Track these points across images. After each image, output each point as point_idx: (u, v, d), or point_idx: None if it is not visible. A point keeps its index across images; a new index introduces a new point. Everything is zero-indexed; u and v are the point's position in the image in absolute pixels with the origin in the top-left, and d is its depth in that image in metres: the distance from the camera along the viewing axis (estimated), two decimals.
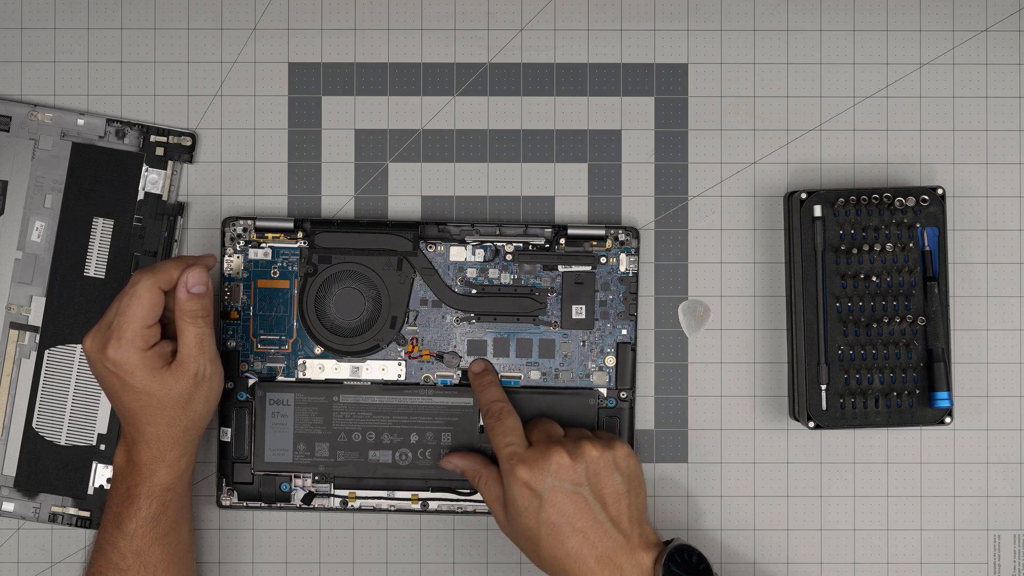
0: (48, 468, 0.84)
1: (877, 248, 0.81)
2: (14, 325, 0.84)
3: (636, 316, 0.84)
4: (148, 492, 0.77)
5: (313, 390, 0.84)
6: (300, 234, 0.84)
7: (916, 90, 0.86)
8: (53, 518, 0.84)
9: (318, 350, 0.84)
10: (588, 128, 0.86)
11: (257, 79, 0.86)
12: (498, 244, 0.84)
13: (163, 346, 0.76)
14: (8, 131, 0.84)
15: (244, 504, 0.84)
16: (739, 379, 0.85)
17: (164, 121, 0.85)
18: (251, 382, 0.84)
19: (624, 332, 0.84)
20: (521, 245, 0.84)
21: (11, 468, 0.84)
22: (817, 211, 0.82)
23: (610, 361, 0.84)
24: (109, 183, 0.84)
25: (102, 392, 0.83)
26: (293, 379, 0.84)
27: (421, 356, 0.84)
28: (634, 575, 0.74)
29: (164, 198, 0.85)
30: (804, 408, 0.82)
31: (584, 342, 0.84)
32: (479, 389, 0.82)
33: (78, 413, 0.84)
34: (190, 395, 0.76)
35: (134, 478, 0.77)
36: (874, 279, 0.81)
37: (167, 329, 0.77)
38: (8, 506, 0.84)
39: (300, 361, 0.84)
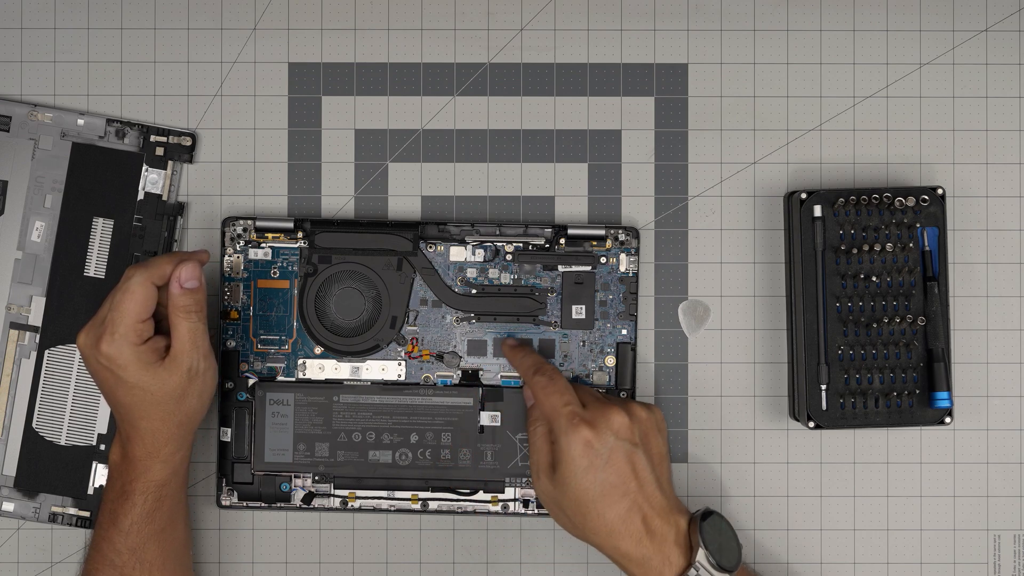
0: (48, 468, 0.84)
1: (877, 248, 0.81)
2: (14, 325, 0.84)
3: (636, 316, 0.84)
4: (143, 488, 0.77)
5: (313, 390, 0.84)
6: (300, 234, 0.84)
7: (916, 90, 0.86)
8: (53, 518, 0.84)
9: (318, 350, 0.84)
10: (588, 128, 0.86)
11: (257, 79, 0.86)
12: (498, 244, 0.84)
13: (156, 341, 0.76)
14: (8, 131, 0.84)
15: (244, 504, 0.84)
16: (739, 379, 0.85)
17: (164, 121, 0.86)
18: (251, 382, 0.84)
19: (624, 332, 0.84)
20: (521, 245, 0.84)
21: (11, 468, 0.84)
22: (817, 211, 0.82)
23: (610, 361, 0.84)
24: (109, 183, 0.84)
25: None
26: (293, 379, 0.84)
27: (421, 356, 0.84)
28: (672, 535, 0.75)
29: (164, 198, 0.85)
30: (804, 408, 0.82)
31: (584, 342, 0.84)
32: (520, 356, 0.81)
33: (78, 413, 0.84)
34: (184, 390, 0.76)
35: (129, 474, 0.77)
36: (874, 279, 0.81)
37: (161, 325, 0.77)
38: (8, 506, 0.84)
39: (300, 361, 0.84)
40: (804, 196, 0.82)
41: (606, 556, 0.77)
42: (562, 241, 0.84)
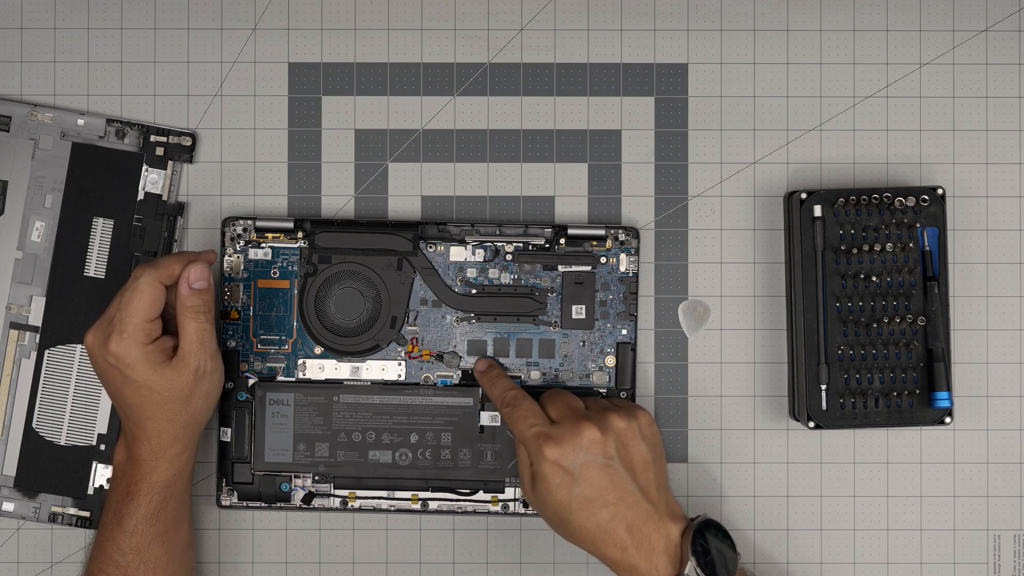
0: (48, 468, 0.84)
1: (877, 248, 0.81)
2: (14, 325, 0.84)
3: (636, 316, 0.84)
4: (148, 489, 0.77)
5: (313, 390, 0.84)
6: (300, 234, 0.84)
7: (916, 90, 0.86)
8: (53, 518, 0.84)
9: (318, 350, 0.84)
10: (588, 128, 0.86)
11: (257, 79, 0.86)
12: (498, 244, 0.84)
13: (164, 341, 0.76)
14: (8, 131, 0.84)
15: (244, 504, 0.84)
16: (739, 379, 0.85)
17: (164, 121, 0.86)
18: (251, 382, 0.84)
19: (624, 332, 0.84)
20: (521, 245, 0.84)
21: (11, 468, 0.84)
22: (817, 211, 0.82)
23: (610, 361, 0.84)
24: (109, 183, 0.84)
25: (102, 392, 0.84)
26: (293, 379, 0.84)
27: (421, 356, 0.84)
28: (661, 544, 0.75)
29: (164, 198, 0.85)
30: (804, 408, 0.82)
31: (584, 342, 0.84)
32: (488, 384, 0.82)
33: (78, 413, 0.84)
34: (191, 390, 0.76)
35: (134, 474, 0.77)
36: (874, 279, 0.81)
37: (168, 325, 0.78)
38: (8, 506, 0.84)
39: (300, 361, 0.84)
40: (804, 196, 0.82)
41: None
42: (562, 241, 0.84)
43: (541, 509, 0.77)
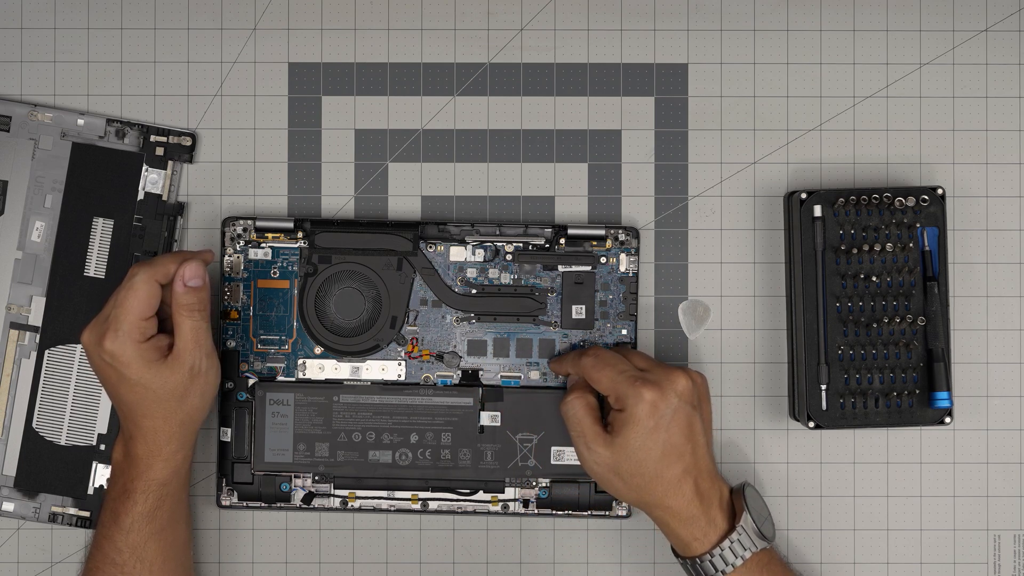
0: (48, 468, 0.84)
1: (877, 248, 0.81)
2: (14, 325, 0.84)
3: (636, 316, 0.84)
4: (144, 487, 0.77)
5: (313, 390, 0.84)
6: (300, 234, 0.84)
7: (916, 90, 0.86)
8: (53, 518, 0.84)
9: (318, 350, 0.84)
10: (588, 128, 0.86)
11: (257, 79, 0.86)
12: (498, 244, 0.84)
13: (160, 339, 0.76)
14: (8, 131, 0.84)
15: (244, 504, 0.84)
16: (739, 379, 0.85)
17: (164, 121, 0.86)
18: (251, 382, 0.84)
19: (624, 332, 0.84)
20: (521, 245, 0.84)
21: (11, 468, 0.84)
22: (817, 211, 0.82)
23: None
24: (109, 183, 0.84)
25: (102, 392, 0.84)
26: (293, 379, 0.84)
27: (421, 356, 0.84)
28: (717, 499, 0.78)
29: (164, 198, 0.85)
30: (804, 408, 0.82)
31: (584, 342, 0.84)
32: (560, 357, 0.83)
33: (78, 413, 0.84)
34: (186, 388, 0.76)
35: (131, 473, 0.77)
36: (874, 279, 0.81)
37: (164, 324, 0.78)
38: (8, 506, 0.84)
39: (300, 361, 0.84)
40: (804, 196, 0.82)
41: (652, 518, 0.78)
42: (562, 241, 0.84)
43: (618, 463, 0.77)
